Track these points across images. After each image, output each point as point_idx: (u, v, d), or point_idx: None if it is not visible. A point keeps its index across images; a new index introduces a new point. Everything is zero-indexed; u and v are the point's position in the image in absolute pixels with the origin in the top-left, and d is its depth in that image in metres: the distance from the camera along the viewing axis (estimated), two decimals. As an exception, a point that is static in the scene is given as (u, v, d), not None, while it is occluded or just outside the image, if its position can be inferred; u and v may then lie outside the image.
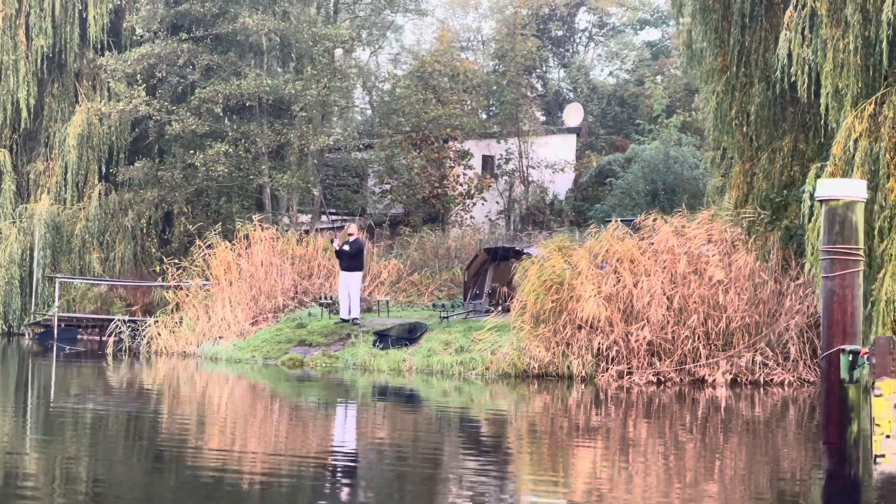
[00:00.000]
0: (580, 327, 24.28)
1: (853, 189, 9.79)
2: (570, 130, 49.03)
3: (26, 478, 12.25)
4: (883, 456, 8.97)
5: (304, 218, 43.55)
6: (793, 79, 22.38)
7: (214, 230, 33.62)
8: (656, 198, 40.32)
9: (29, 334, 36.18)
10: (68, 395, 22.69)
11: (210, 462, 13.71)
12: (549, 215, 45.12)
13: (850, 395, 9.32)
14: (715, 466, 14.20)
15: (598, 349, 24.20)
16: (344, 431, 17.81)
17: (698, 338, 24.40)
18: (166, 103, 37.16)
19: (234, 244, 31.97)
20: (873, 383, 8.96)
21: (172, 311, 31.28)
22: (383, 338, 27.03)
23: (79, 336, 35.10)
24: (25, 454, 14.06)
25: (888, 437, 8.94)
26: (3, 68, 39.26)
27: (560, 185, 46.97)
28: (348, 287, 28.48)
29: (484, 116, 50.98)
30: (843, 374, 9.29)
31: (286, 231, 34.66)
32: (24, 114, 39.46)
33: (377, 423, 18.67)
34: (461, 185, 43.31)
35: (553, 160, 45.84)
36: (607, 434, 17.58)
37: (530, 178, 46.06)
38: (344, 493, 12.06)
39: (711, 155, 30.63)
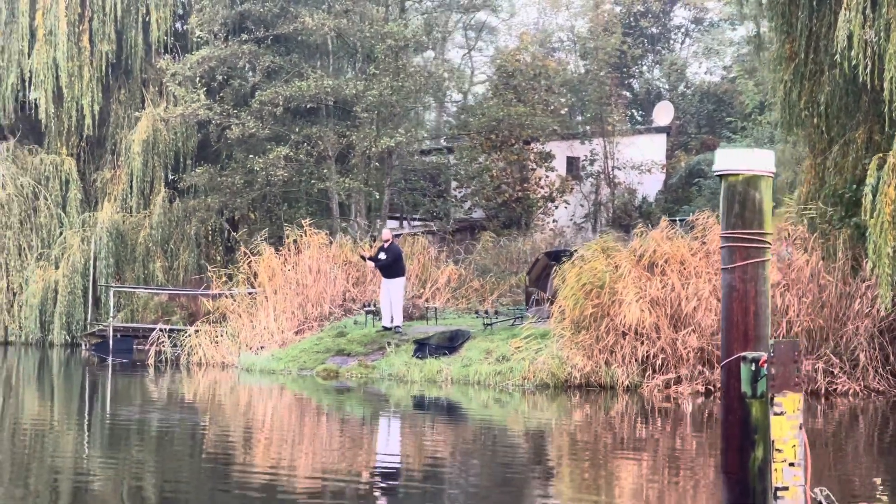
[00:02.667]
0: (624, 334, 22.52)
1: (756, 160, 7.85)
2: (658, 130, 47.01)
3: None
4: (786, 489, 7.05)
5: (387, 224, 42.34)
6: (853, 63, 20.62)
7: (261, 236, 32.45)
8: (747, 198, 38.23)
9: (85, 345, 35.31)
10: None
11: (265, 482, 12.86)
12: (637, 217, 43.16)
13: (754, 413, 7.42)
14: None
15: (644, 357, 22.45)
16: (388, 448, 16.91)
17: (755, 344, 22.51)
18: (228, 107, 36.11)
19: (278, 251, 30.79)
20: (772, 399, 7.13)
21: (217, 320, 30.19)
22: (422, 347, 25.55)
23: (136, 346, 34.08)
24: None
25: (792, 465, 7.06)
26: (68, 75, 38.60)
27: (650, 186, 45.02)
28: (390, 294, 27.04)
29: (579, 118, 49.36)
30: (745, 388, 7.33)
31: (344, 236, 33.37)
32: (89, 120, 38.74)
33: (417, 441, 17.39)
34: (542, 187, 41.66)
35: (641, 160, 43.92)
36: (655, 449, 16.17)
37: (617, 180, 44.18)
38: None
39: (781, 149, 28.71)
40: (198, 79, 36.17)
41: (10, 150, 39.43)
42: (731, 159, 7.85)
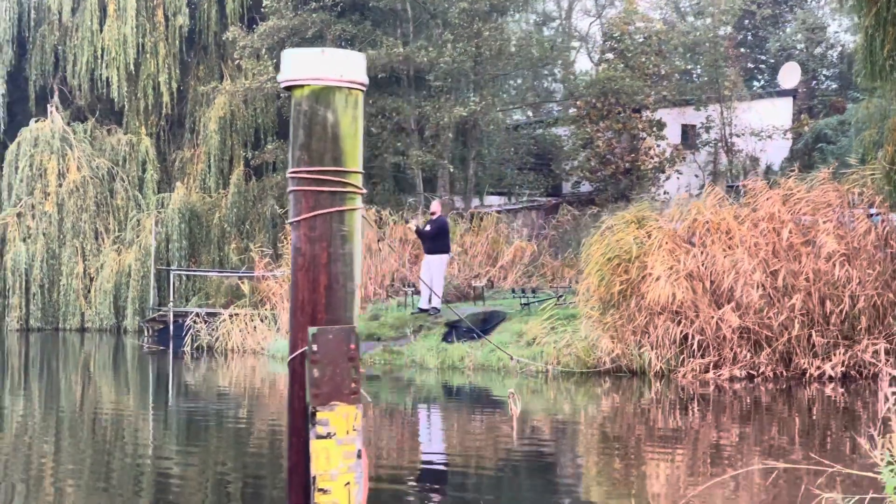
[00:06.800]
0: (659, 313, 19.79)
1: (327, 65, 4.85)
2: (781, 93, 43.47)
3: None
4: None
5: (494, 200, 40.09)
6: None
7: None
8: (874, 164, 34.87)
9: (148, 331, 33.58)
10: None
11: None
12: (759, 187, 39.84)
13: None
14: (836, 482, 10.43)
15: (681, 339, 19.72)
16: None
17: (814, 322, 19.59)
18: (299, 79, 34.09)
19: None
20: (315, 414, 4.46)
21: (257, 304, 28.34)
22: (451, 330, 23.19)
23: (195, 332, 32.38)
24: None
25: (344, 512, 4.42)
26: (143, 51, 37.22)
27: (775, 153, 41.57)
28: (430, 272, 24.52)
29: (697, 80, 46.18)
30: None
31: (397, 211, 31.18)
32: (166, 98, 37.39)
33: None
34: (652, 158, 38.79)
35: (764, 126, 40.55)
36: (694, 443, 13.90)
37: (736, 148, 40.92)
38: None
39: (864, 103, 25.56)
40: (264, 51, 34.26)
41: (88, 131, 38.27)
42: (296, 64, 4.99)
